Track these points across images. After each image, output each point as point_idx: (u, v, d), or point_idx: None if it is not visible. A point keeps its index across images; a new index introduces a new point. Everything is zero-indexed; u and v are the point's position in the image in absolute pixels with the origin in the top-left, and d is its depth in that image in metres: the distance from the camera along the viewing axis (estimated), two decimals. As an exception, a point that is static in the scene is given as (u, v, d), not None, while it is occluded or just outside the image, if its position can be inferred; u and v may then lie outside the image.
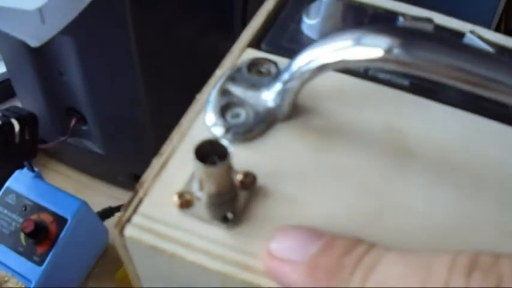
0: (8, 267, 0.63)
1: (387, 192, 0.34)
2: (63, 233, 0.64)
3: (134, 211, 0.33)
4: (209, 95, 0.38)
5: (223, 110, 0.36)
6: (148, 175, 0.34)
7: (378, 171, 0.35)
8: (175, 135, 0.36)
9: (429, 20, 0.40)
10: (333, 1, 0.41)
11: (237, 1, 0.78)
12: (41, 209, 0.65)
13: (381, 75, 0.40)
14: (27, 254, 0.64)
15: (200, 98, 0.38)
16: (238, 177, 0.33)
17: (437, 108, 0.39)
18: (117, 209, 0.72)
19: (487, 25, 0.46)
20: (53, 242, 0.64)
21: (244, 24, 0.85)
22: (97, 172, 0.77)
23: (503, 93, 0.31)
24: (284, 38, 0.42)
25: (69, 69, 0.64)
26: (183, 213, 0.32)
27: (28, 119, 0.64)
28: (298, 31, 0.43)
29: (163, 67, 0.66)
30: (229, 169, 0.31)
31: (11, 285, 0.62)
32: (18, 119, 0.62)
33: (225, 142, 0.30)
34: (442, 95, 0.40)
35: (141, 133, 0.68)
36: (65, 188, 0.68)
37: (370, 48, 0.31)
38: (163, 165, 0.35)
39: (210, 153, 0.31)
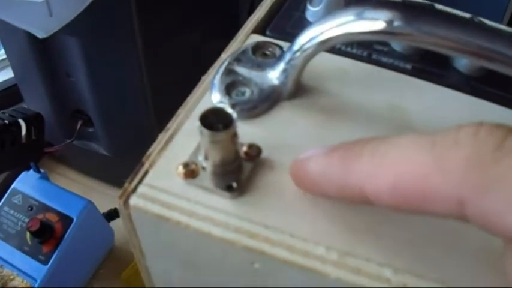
0: (14, 266, 0.63)
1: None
2: (68, 232, 0.64)
3: (140, 182, 0.33)
4: (215, 75, 0.38)
5: (228, 89, 0.37)
6: (154, 148, 0.35)
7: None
8: (181, 111, 0.36)
9: (431, 5, 0.41)
10: (336, -12, 0.41)
11: (243, 7, 0.79)
12: (46, 208, 0.65)
13: (384, 59, 0.41)
14: (33, 253, 0.64)
15: (205, 78, 0.39)
16: (244, 148, 0.33)
17: (439, 91, 0.39)
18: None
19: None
20: (59, 241, 0.64)
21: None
22: (103, 175, 0.78)
23: (505, 64, 0.31)
24: (288, 24, 0.43)
25: (75, 71, 0.65)
26: (188, 183, 0.33)
27: (35, 119, 0.64)
28: (303, 19, 0.44)
29: (170, 70, 0.66)
30: (234, 137, 0.31)
31: (16, 284, 0.62)
32: (24, 119, 0.63)
33: (229, 110, 0.30)
34: (444, 78, 0.40)
35: (147, 135, 0.68)
36: (70, 189, 0.68)
37: (371, 21, 0.32)
38: (169, 139, 0.35)
39: (215, 121, 0.31)
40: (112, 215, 0.71)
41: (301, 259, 0.30)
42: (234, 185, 0.32)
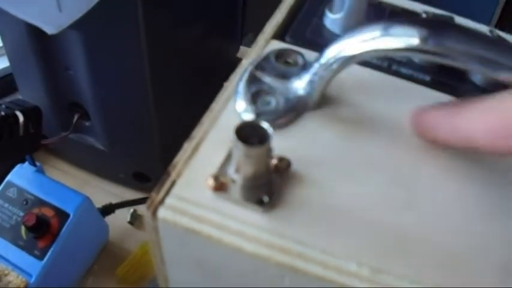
0: (8, 261, 0.62)
1: (415, 182, 0.35)
2: (64, 227, 0.63)
3: (167, 193, 0.33)
4: (238, 82, 0.38)
5: (253, 97, 0.37)
6: (180, 158, 0.34)
7: (406, 161, 0.36)
8: (206, 119, 0.36)
9: (450, 18, 0.41)
10: (357, -3, 0.41)
11: (239, 6, 0.78)
12: (42, 203, 0.64)
13: (403, 70, 0.41)
14: (28, 248, 0.63)
15: (228, 85, 0.38)
16: (273, 161, 0.33)
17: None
18: (118, 205, 0.72)
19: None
20: (54, 237, 0.63)
21: (243, 25, 0.86)
22: (98, 169, 0.77)
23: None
24: (307, 31, 0.43)
25: (75, 64, 0.63)
26: (217, 195, 0.32)
27: (32, 112, 0.63)
28: (321, 25, 0.43)
29: (171, 67, 0.66)
30: (269, 152, 0.31)
31: (11, 279, 0.61)
32: (22, 112, 0.62)
33: (265, 125, 0.30)
34: (461, 90, 0.40)
35: (145, 131, 0.68)
36: (64, 183, 0.67)
37: (402, 38, 0.32)
38: (195, 148, 0.35)
39: (249, 135, 0.31)
40: (107, 210, 0.71)
41: (334, 275, 0.30)
42: (266, 199, 0.32)
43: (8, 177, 0.67)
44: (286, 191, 0.33)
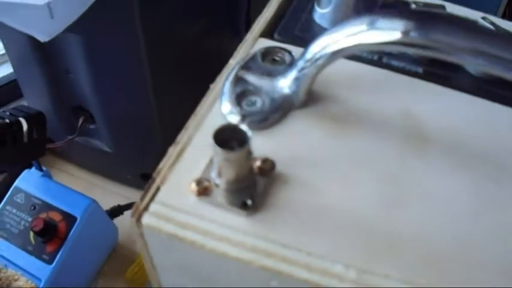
0: (18, 266, 0.63)
1: (406, 179, 0.34)
2: (72, 231, 0.63)
3: (151, 199, 0.32)
4: (224, 84, 0.37)
5: (238, 98, 0.36)
6: (164, 163, 0.34)
7: (396, 157, 0.35)
8: (191, 123, 0.36)
9: (442, 7, 0.40)
10: (344, -11, 0.40)
11: (242, 3, 0.78)
12: (49, 207, 0.65)
13: (395, 63, 0.40)
14: (37, 253, 0.63)
15: (214, 87, 0.38)
16: (257, 163, 0.33)
17: (451, 94, 0.39)
18: (126, 207, 0.72)
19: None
20: (63, 241, 0.63)
21: (248, 22, 0.85)
22: (105, 171, 0.77)
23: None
24: (296, 27, 0.42)
25: (76, 67, 0.64)
26: (201, 200, 0.32)
27: (36, 118, 0.63)
28: (310, 20, 0.43)
29: (171, 65, 0.65)
30: (249, 155, 0.31)
31: (21, 284, 0.62)
32: (26, 118, 0.62)
33: (244, 127, 0.30)
34: (455, 81, 0.40)
35: (149, 131, 0.68)
36: (72, 187, 0.67)
37: (385, 31, 0.31)
38: (180, 153, 0.34)
39: (229, 138, 0.30)
40: (115, 212, 0.71)
41: (319, 278, 0.30)
42: (249, 202, 0.31)
43: (16, 183, 0.67)
44: (270, 193, 0.32)
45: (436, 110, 0.38)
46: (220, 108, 0.36)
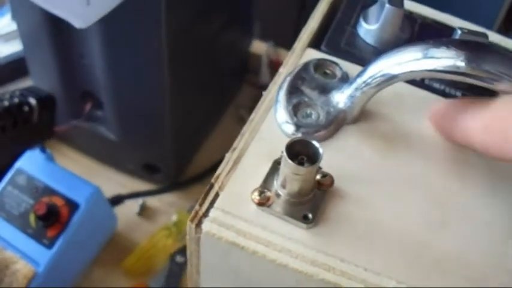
0: (16, 248, 0.62)
1: (450, 200, 0.35)
2: (75, 217, 0.63)
3: (211, 205, 0.33)
4: (278, 93, 0.38)
5: (294, 109, 0.37)
6: (222, 169, 0.34)
7: (440, 178, 0.36)
8: (246, 130, 0.36)
9: (484, 35, 0.41)
10: (393, 9, 0.41)
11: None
12: (52, 192, 0.64)
13: (436, 85, 0.41)
14: (37, 236, 0.62)
15: (267, 94, 0.38)
16: (317, 177, 0.33)
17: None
18: (127, 196, 0.72)
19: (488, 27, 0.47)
20: (64, 226, 0.62)
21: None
22: (107, 159, 0.76)
23: None
24: (342, 40, 0.43)
25: (90, 53, 0.63)
26: (261, 210, 0.32)
27: (47, 100, 0.63)
28: (355, 35, 0.43)
29: (188, 61, 0.65)
30: (317, 171, 0.31)
31: (19, 267, 0.61)
32: (37, 100, 0.61)
33: (316, 143, 0.30)
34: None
35: (158, 123, 0.68)
36: (74, 172, 0.67)
37: (440, 60, 0.32)
38: (237, 160, 0.35)
39: (299, 152, 0.31)
40: (116, 200, 0.70)
41: (375, 294, 0.31)
42: (310, 215, 0.32)
43: (18, 164, 0.66)
44: (328, 207, 0.33)
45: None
46: (275, 116, 0.37)
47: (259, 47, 0.86)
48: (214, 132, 0.82)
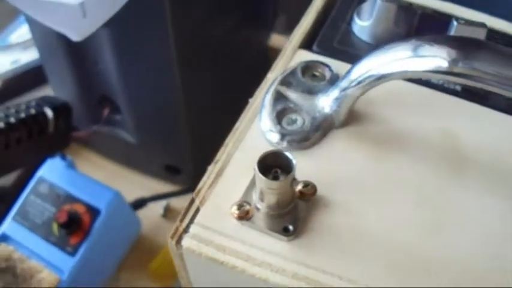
0: (40, 257, 0.63)
1: (444, 203, 0.34)
2: (96, 224, 0.63)
3: (191, 221, 0.32)
4: (263, 100, 0.37)
5: (279, 116, 0.36)
6: (204, 183, 0.34)
7: (435, 180, 0.35)
8: (230, 141, 0.35)
9: (482, 25, 0.40)
10: (386, 4, 0.40)
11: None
12: (74, 199, 0.65)
13: (434, 80, 0.40)
14: (60, 244, 0.63)
15: (253, 102, 0.38)
16: (298, 187, 0.32)
17: (489, 114, 0.39)
18: (150, 199, 0.72)
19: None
20: (86, 233, 0.63)
21: (274, 15, 0.85)
22: (129, 162, 0.77)
23: None
24: (335, 39, 0.41)
25: (104, 59, 0.63)
26: (241, 224, 0.32)
27: (62, 109, 0.63)
28: (349, 32, 0.42)
29: (201, 60, 0.65)
30: (292, 182, 0.30)
31: (43, 276, 0.62)
32: (52, 109, 0.62)
33: (289, 155, 0.30)
34: (492, 100, 0.39)
35: (175, 124, 0.68)
36: (95, 176, 0.67)
37: (430, 59, 0.30)
38: (219, 172, 0.34)
39: (272, 164, 0.30)
40: (139, 204, 0.71)
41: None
42: (291, 227, 0.31)
43: (40, 173, 0.67)
44: (311, 217, 0.32)
45: (474, 130, 0.37)
46: (259, 124, 0.36)
47: (279, 40, 0.85)
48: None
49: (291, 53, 0.40)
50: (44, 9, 0.47)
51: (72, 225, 0.64)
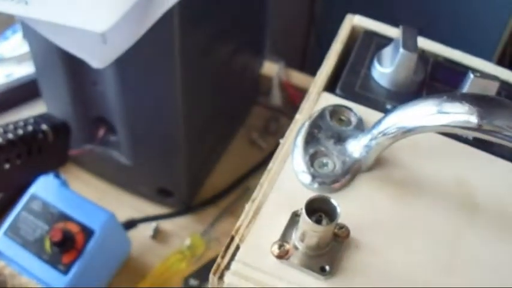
0: (32, 274, 0.63)
1: (458, 246, 0.36)
2: (90, 244, 0.64)
3: (232, 258, 0.34)
4: (295, 141, 0.39)
5: (311, 158, 0.38)
6: (242, 221, 0.35)
7: (450, 225, 0.37)
8: (265, 180, 0.37)
9: (495, 78, 0.42)
10: (407, 53, 0.42)
11: (265, 21, 0.79)
12: (67, 218, 0.65)
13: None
14: (52, 262, 0.63)
15: (284, 142, 0.39)
16: (334, 229, 0.34)
17: (500, 163, 0.41)
18: (140, 220, 0.73)
19: (488, 56, 0.48)
20: (79, 252, 0.64)
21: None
22: (121, 182, 0.77)
23: None
24: (357, 84, 0.44)
25: (104, 80, 0.64)
26: (280, 262, 0.33)
27: (61, 128, 0.63)
28: (370, 77, 0.44)
29: (201, 86, 0.66)
30: (335, 228, 0.32)
31: (35, 293, 0.62)
32: (51, 127, 0.62)
33: (334, 202, 0.31)
34: (498, 149, 0.42)
35: (171, 148, 0.68)
36: (85, 194, 0.67)
37: (459, 115, 0.33)
38: (257, 211, 0.36)
39: (317, 209, 0.32)
40: (130, 225, 0.71)
41: None
42: (327, 267, 0.33)
43: (33, 190, 0.67)
44: (344, 257, 0.34)
45: (486, 177, 0.40)
46: (292, 165, 0.38)
47: (270, 68, 0.87)
48: (226, 155, 0.82)
49: (316, 95, 0.42)
50: (66, 34, 0.48)
51: (66, 244, 0.64)
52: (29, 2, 0.45)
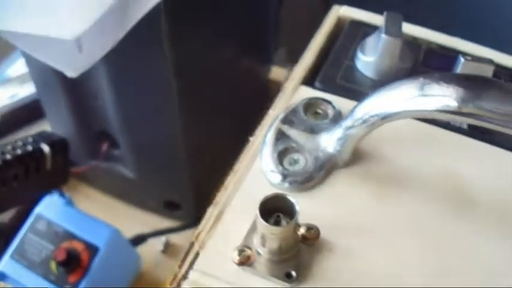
0: (39, 296, 0.62)
1: (449, 245, 0.33)
2: (95, 261, 0.62)
3: (190, 266, 0.31)
4: (264, 138, 0.36)
5: (280, 156, 0.35)
6: (203, 226, 0.33)
7: (439, 221, 0.34)
8: (230, 182, 0.34)
9: (490, 61, 0.39)
10: (391, 39, 0.39)
11: (270, 25, 0.77)
12: (72, 236, 0.63)
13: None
14: (59, 283, 0.62)
15: (254, 141, 0.36)
16: (301, 230, 0.31)
17: (495, 152, 0.38)
18: (149, 235, 0.71)
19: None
20: (85, 271, 0.62)
21: (275, 46, 0.84)
22: (127, 197, 0.76)
23: None
24: (338, 75, 0.41)
25: (103, 94, 0.62)
26: (242, 269, 0.31)
27: (59, 145, 0.62)
28: (353, 68, 0.41)
29: (200, 94, 0.64)
30: (295, 227, 0.29)
31: (42, 315, 0.61)
32: (49, 145, 0.61)
33: (291, 199, 0.28)
34: (499, 137, 0.38)
35: (174, 159, 0.67)
36: (94, 212, 0.66)
37: (437, 99, 0.29)
38: (219, 215, 0.33)
39: (274, 207, 0.29)
40: (138, 240, 0.70)
41: None
42: (293, 273, 0.30)
43: (38, 210, 0.66)
44: (314, 262, 0.31)
45: (479, 168, 0.36)
46: (260, 165, 0.35)
47: (279, 73, 0.84)
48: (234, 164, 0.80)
49: (292, 89, 0.39)
50: (39, 44, 0.46)
51: (71, 263, 0.62)
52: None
